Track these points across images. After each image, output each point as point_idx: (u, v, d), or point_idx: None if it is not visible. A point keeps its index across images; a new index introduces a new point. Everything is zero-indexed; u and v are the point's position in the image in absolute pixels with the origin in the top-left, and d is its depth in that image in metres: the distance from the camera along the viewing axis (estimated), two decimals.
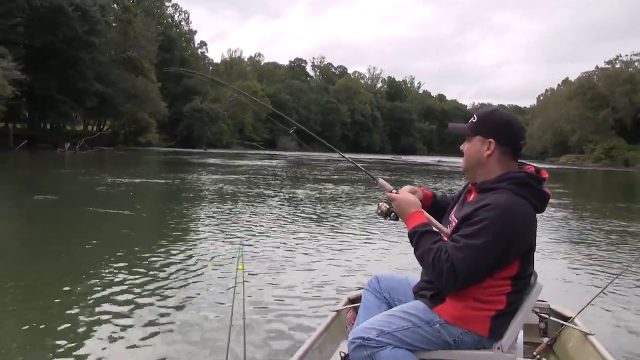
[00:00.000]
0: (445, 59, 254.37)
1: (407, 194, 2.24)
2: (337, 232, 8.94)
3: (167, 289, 5.13)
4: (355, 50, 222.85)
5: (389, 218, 2.30)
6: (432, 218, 2.20)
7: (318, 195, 15.36)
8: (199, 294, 4.96)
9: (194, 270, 5.85)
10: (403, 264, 6.37)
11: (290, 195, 15.33)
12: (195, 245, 7.37)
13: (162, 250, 6.96)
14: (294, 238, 8.20)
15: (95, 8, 47.73)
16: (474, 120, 2.19)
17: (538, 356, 2.73)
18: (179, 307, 4.56)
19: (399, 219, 2.24)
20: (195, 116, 71.56)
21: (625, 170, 57.31)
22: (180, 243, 7.52)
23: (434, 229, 2.16)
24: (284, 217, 10.61)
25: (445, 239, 2.11)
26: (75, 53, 44.71)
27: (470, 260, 1.94)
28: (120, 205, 11.54)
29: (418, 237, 2.08)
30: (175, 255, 6.64)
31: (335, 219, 10.65)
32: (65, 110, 48.51)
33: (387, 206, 2.29)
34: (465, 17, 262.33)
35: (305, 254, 7.03)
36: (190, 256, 6.58)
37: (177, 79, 73.88)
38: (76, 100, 47.09)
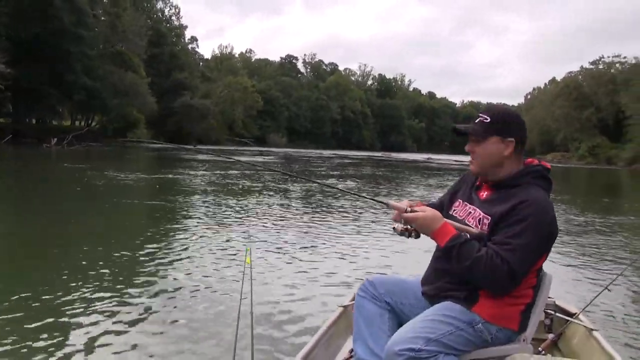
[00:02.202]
0: (442, 58, 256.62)
1: (425, 209, 2.10)
2: (343, 227, 8.95)
3: (174, 280, 5.16)
4: (354, 48, 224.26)
5: (410, 237, 2.18)
6: (456, 224, 2.11)
7: (321, 190, 15.29)
8: (206, 287, 4.95)
9: (202, 264, 5.85)
10: (413, 259, 6.31)
11: (293, 189, 15.32)
12: (202, 238, 7.33)
13: (171, 242, 7.02)
14: (301, 232, 8.23)
15: (84, 0, 47.28)
16: (487, 120, 2.12)
17: (543, 352, 2.74)
18: (186, 300, 4.56)
19: (420, 236, 2.15)
20: (185, 112, 71.08)
21: (608, 168, 58.00)
22: (188, 236, 7.49)
23: (467, 235, 2.07)
24: (289, 211, 10.67)
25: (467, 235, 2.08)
26: (63, 46, 44.08)
27: (525, 260, 1.96)
28: (130, 198, 11.83)
29: (459, 250, 1.99)
30: (183, 247, 6.68)
31: (341, 213, 10.67)
32: (52, 104, 47.96)
33: (404, 226, 2.18)
34: (464, 16, 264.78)
35: (313, 248, 7.05)
36: (198, 249, 6.59)
37: (167, 73, 73.42)
38: (64, 93, 46.57)
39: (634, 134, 58.24)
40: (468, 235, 2.06)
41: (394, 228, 2.20)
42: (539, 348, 2.75)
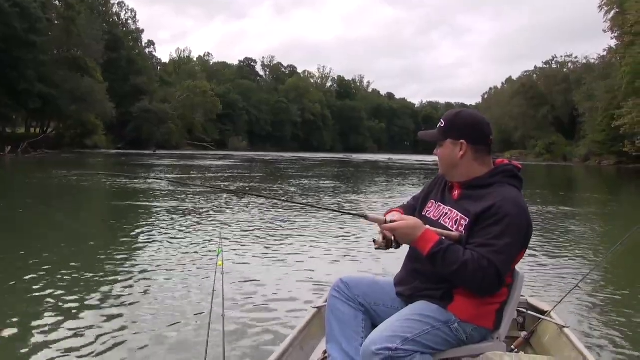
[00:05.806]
0: (405, 59, 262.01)
1: (404, 218, 2.12)
2: (315, 228, 8.95)
3: (143, 283, 5.13)
4: (317, 50, 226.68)
5: (391, 248, 2.15)
6: (437, 230, 2.10)
7: (293, 190, 15.15)
8: (177, 290, 4.93)
9: (172, 267, 5.82)
10: (384, 260, 6.27)
11: (265, 191, 15.16)
12: (174, 242, 7.29)
13: (139, 246, 6.98)
14: (274, 234, 8.20)
15: (36, 5, 45.84)
16: (442, 125, 2.21)
17: (516, 350, 2.77)
18: (156, 304, 4.53)
19: (401, 245, 2.14)
20: (144, 117, 70.00)
21: (564, 164, 59.73)
22: (158, 240, 7.43)
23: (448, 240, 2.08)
24: (261, 213, 10.61)
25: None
26: (15, 53, 42.80)
27: (509, 259, 2.00)
28: (90, 205, 11.58)
29: (443, 255, 1.99)
30: (153, 250, 6.66)
31: (313, 214, 10.63)
32: (6, 113, 46.38)
33: (384, 237, 2.15)
34: (429, 17, 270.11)
35: (285, 249, 7.05)
36: (170, 253, 6.56)
37: (124, 78, 72.07)
38: (17, 102, 45.11)
39: (587, 132, 60.23)
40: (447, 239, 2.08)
41: (374, 240, 2.17)
42: (512, 346, 2.80)
